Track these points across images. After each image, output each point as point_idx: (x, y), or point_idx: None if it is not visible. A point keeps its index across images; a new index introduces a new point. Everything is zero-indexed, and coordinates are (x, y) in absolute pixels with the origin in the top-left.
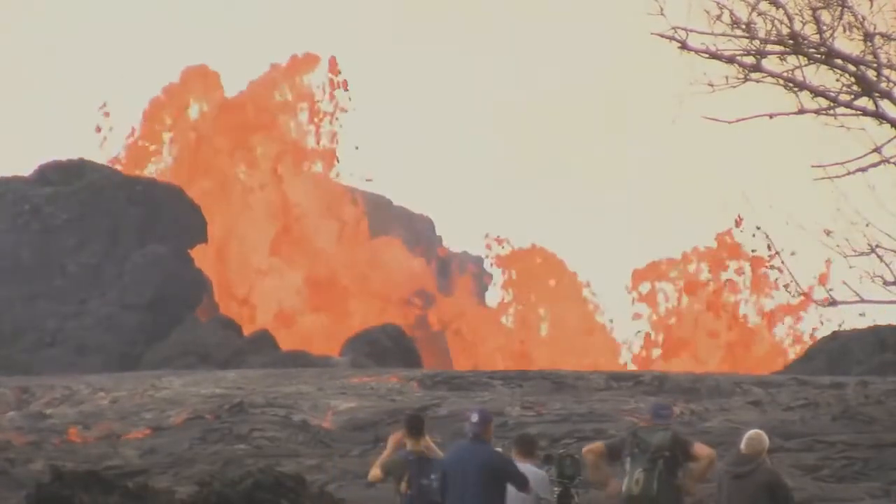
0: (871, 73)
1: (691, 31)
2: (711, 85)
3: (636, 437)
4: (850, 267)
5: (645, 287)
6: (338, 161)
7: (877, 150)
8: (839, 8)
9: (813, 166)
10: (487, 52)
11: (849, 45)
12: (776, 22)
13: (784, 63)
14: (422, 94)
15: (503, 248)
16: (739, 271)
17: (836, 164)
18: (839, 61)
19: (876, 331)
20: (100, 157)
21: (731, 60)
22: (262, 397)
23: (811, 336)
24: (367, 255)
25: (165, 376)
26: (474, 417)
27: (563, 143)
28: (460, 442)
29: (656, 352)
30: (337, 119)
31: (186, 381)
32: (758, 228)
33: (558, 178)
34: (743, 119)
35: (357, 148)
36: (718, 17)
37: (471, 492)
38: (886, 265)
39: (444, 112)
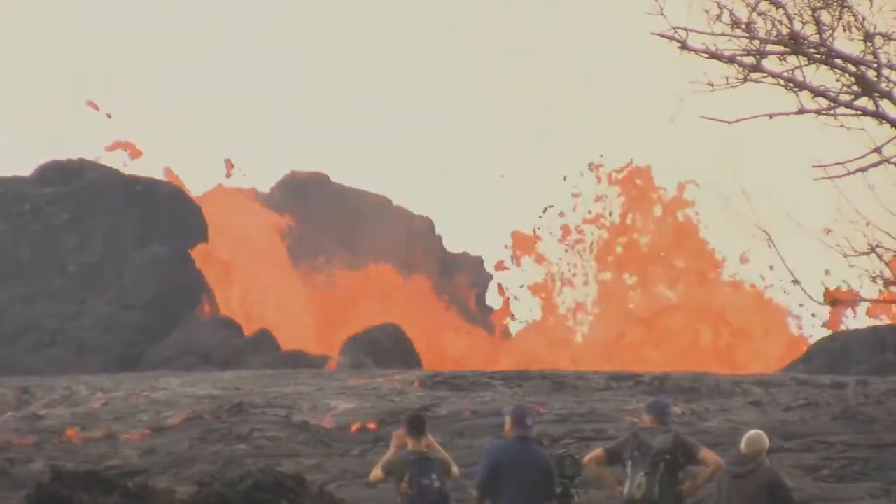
0: (871, 74)
1: (691, 30)
2: (711, 85)
3: (637, 438)
4: (850, 266)
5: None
6: None
7: (877, 150)
8: (839, 8)
9: (813, 166)
10: (487, 52)
11: (849, 45)
12: (776, 22)
13: (784, 63)
14: (422, 96)
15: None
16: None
17: (836, 164)
18: (839, 61)
19: (876, 331)
20: None
21: (731, 60)
22: (262, 398)
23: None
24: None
25: (165, 377)
26: (529, 420)
27: (564, 142)
28: (512, 439)
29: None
30: None
31: (186, 381)
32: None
33: (558, 177)
34: (743, 119)
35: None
36: (718, 18)
37: (530, 489)
38: (886, 265)
39: (444, 112)
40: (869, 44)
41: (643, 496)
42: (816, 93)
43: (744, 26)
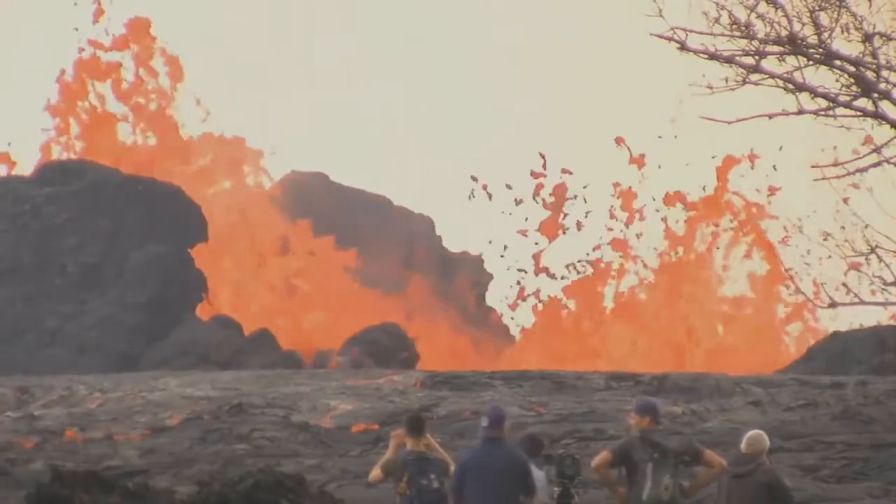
0: (870, 74)
1: (690, 31)
2: (711, 87)
3: (648, 440)
4: (850, 268)
5: None
6: None
7: (877, 150)
8: (837, 9)
9: (812, 167)
10: (488, 52)
11: (848, 45)
12: (775, 24)
13: (783, 64)
14: (423, 97)
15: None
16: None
17: (836, 164)
18: (838, 62)
19: (876, 331)
20: None
21: (730, 61)
22: (262, 398)
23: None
24: None
25: (164, 377)
26: (484, 422)
27: (565, 142)
28: (480, 442)
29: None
30: None
31: (185, 381)
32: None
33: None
34: (742, 119)
35: None
36: (717, 21)
37: (496, 489)
38: (886, 265)
39: (445, 113)
40: (868, 44)
41: (670, 498)
42: (816, 93)
43: (743, 27)
